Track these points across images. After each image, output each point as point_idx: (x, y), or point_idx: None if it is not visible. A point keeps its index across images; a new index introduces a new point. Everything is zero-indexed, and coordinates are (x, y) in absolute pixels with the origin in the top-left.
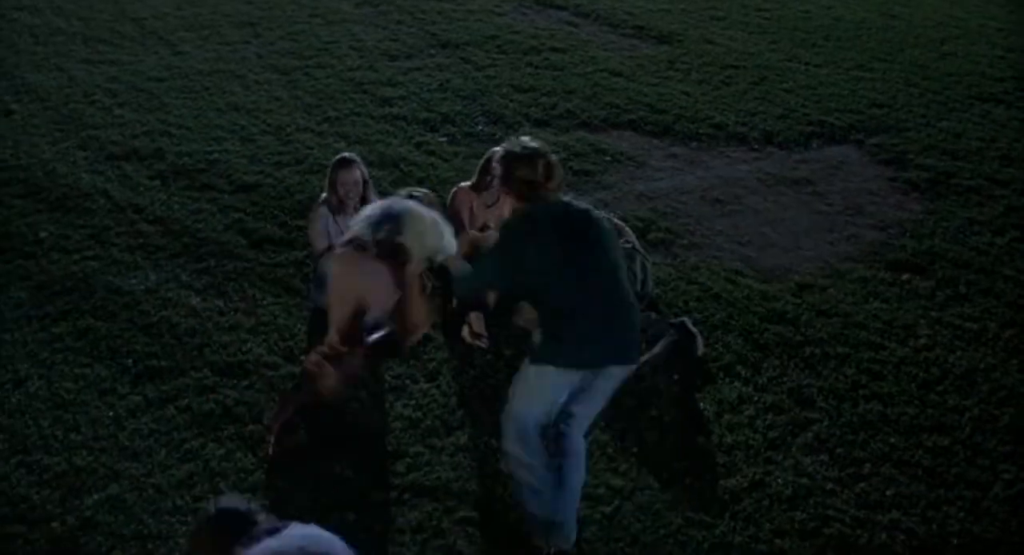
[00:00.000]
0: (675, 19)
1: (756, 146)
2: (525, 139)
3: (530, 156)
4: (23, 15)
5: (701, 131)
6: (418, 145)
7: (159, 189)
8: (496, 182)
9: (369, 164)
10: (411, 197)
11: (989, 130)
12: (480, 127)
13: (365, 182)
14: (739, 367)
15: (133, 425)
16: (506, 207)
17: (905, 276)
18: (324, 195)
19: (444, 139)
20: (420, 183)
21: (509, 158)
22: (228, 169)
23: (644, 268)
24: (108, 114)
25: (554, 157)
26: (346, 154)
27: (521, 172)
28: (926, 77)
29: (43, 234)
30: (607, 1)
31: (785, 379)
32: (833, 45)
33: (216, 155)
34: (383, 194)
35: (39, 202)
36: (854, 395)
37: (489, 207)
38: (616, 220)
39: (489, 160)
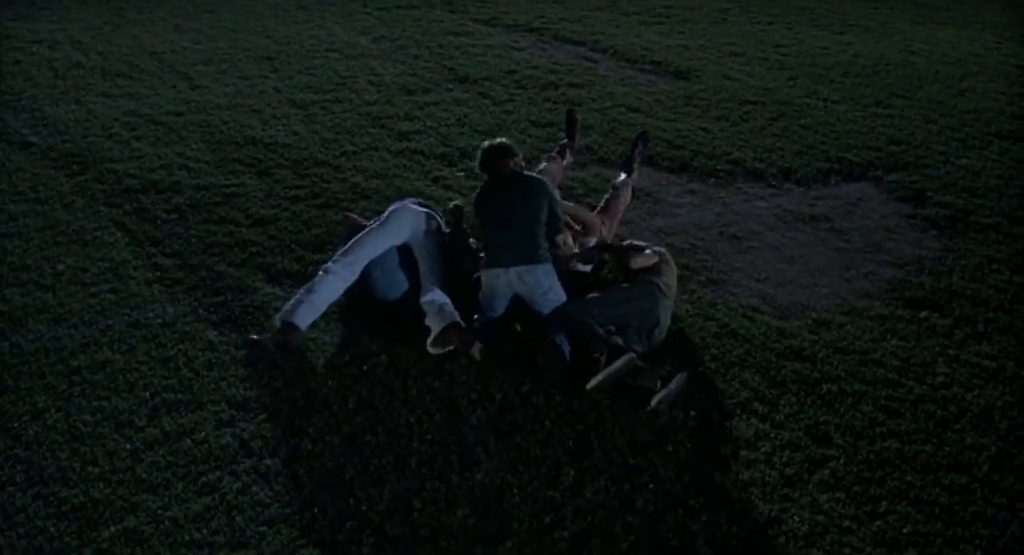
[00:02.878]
0: (693, 55)
1: (774, 182)
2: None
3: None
4: (42, 49)
5: (719, 167)
6: (435, 179)
7: (176, 223)
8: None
9: (385, 199)
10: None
11: (1008, 167)
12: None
13: None
14: (756, 404)
15: (150, 458)
16: None
17: (923, 314)
18: None
19: (462, 174)
20: None
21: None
22: (245, 203)
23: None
24: (126, 147)
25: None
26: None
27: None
28: (945, 114)
29: (61, 267)
30: (625, 37)
31: (802, 416)
32: (851, 82)
33: (233, 189)
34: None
35: (57, 234)
36: (871, 432)
37: None
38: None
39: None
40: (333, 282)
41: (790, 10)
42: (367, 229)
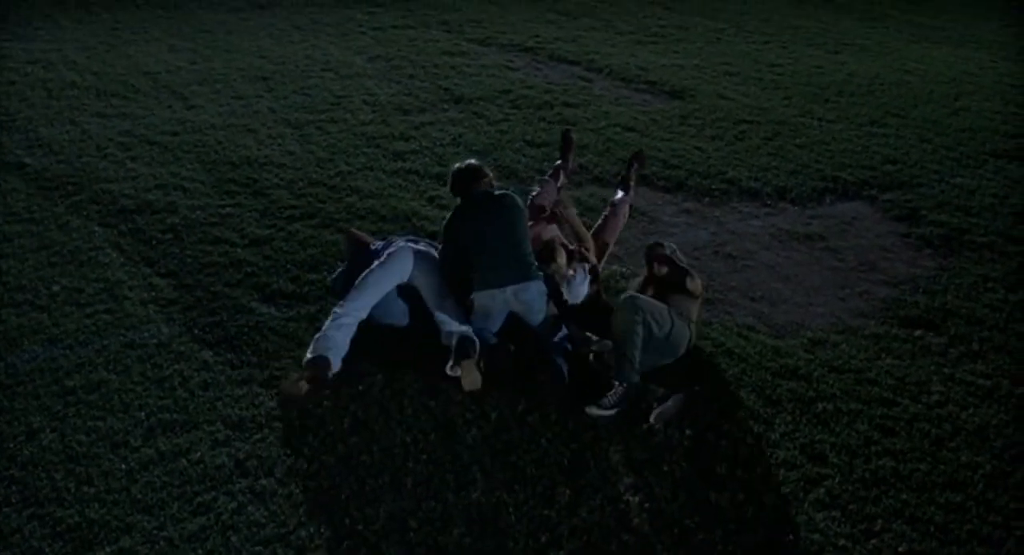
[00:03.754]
0: (688, 74)
1: (769, 202)
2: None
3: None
4: (36, 69)
5: (714, 186)
6: (431, 199)
7: (172, 243)
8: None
9: (381, 218)
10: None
11: (1003, 186)
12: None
13: None
14: (751, 422)
15: (146, 478)
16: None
17: (918, 332)
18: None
19: None
20: (432, 238)
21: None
22: (240, 223)
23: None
24: (121, 168)
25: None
26: None
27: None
28: (939, 133)
29: (56, 287)
30: (620, 56)
31: (797, 435)
32: (846, 101)
33: (228, 209)
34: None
35: (52, 255)
36: (866, 451)
37: None
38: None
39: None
40: (350, 327)
41: (785, 30)
42: (369, 270)
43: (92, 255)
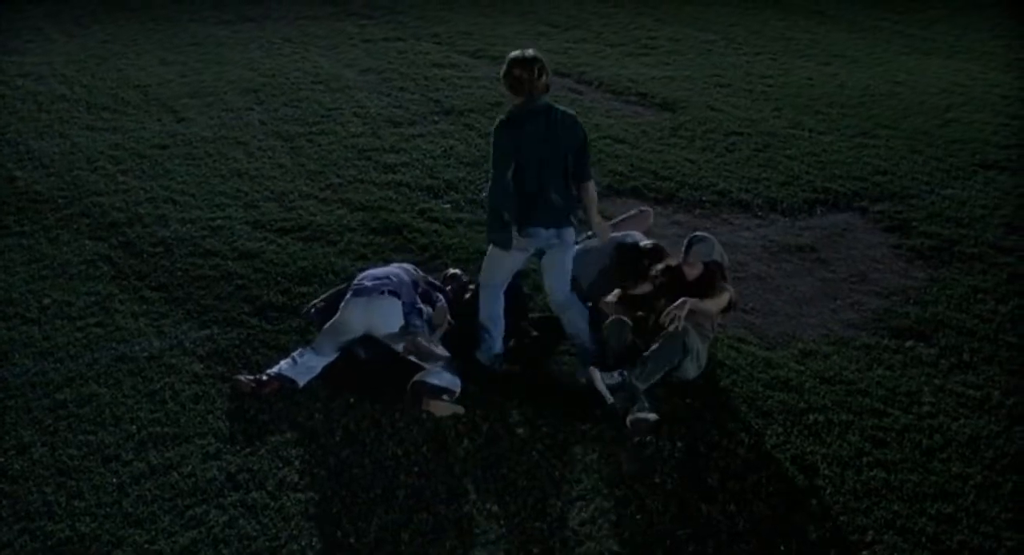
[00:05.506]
0: (678, 86)
1: (760, 213)
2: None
3: (529, 60)
4: (27, 82)
5: (705, 198)
6: (421, 212)
7: (162, 256)
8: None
9: (372, 231)
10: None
11: (993, 197)
12: (483, 194)
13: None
14: (742, 434)
15: (137, 492)
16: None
17: (909, 343)
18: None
19: (448, 206)
20: (423, 250)
21: (511, 60)
22: (231, 236)
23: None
24: (111, 181)
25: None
26: None
27: (516, 71)
28: (930, 144)
29: (47, 300)
30: (611, 69)
31: (788, 446)
32: (837, 112)
33: (219, 222)
34: (386, 261)
35: (43, 268)
36: (857, 462)
37: None
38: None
39: None
40: (311, 368)
41: (776, 41)
42: (331, 322)
43: (83, 268)
